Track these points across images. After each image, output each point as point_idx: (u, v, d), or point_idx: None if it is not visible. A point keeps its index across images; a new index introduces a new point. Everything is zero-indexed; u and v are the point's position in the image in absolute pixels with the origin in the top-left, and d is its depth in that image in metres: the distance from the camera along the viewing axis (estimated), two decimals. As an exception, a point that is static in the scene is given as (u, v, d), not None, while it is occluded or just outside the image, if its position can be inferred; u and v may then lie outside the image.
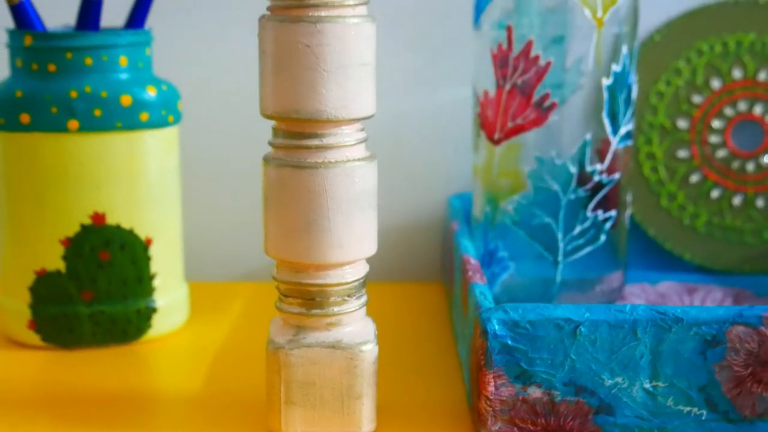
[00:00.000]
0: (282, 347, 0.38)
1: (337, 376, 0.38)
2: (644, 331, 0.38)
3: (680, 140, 0.58)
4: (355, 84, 0.37)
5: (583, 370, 0.38)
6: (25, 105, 0.47)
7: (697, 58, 0.58)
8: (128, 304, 0.49)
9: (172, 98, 0.49)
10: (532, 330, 0.38)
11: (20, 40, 0.47)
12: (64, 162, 0.47)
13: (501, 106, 0.49)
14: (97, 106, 0.47)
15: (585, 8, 0.47)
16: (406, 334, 0.51)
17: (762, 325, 0.38)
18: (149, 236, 0.49)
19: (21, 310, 0.49)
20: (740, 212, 0.58)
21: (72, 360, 0.48)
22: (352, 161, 0.37)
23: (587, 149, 0.49)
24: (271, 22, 0.37)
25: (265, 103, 0.38)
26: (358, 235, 0.38)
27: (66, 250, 0.48)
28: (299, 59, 0.36)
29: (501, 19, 0.48)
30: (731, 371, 0.38)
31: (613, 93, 0.49)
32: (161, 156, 0.49)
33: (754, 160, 0.58)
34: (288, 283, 0.38)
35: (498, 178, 0.50)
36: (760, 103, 0.57)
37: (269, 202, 0.38)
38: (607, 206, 0.50)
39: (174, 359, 0.48)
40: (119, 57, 0.48)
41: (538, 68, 0.48)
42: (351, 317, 0.38)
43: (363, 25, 0.37)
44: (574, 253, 0.49)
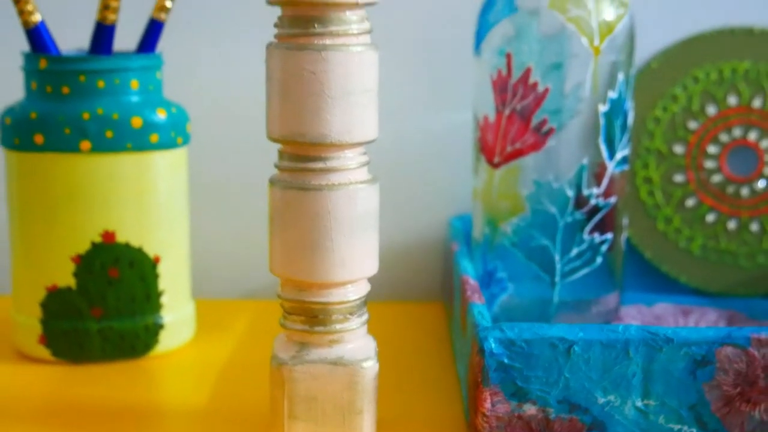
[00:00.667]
0: (285, 363, 0.39)
1: (338, 391, 0.39)
2: (636, 350, 0.39)
3: (676, 165, 0.59)
4: (358, 109, 0.38)
5: (577, 388, 0.39)
6: (39, 126, 0.48)
7: (693, 85, 0.59)
8: (137, 320, 0.50)
9: (181, 120, 0.51)
10: (527, 349, 0.39)
11: (35, 63, 0.49)
12: (75, 181, 0.48)
13: (500, 131, 0.50)
14: (108, 128, 0.48)
15: (582, 36, 0.49)
16: (407, 352, 0.52)
17: (750, 346, 0.39)
18: (158, 254, 0.50)
19: (32, 326, 0.50)
20: (735, 236, 0.59)
21: (81, 374, 0.49)
22: (354, 184, 0.39)
23: (584, 173, 0.50)
24: (278, 50, 0.38)
25: (271, 126, 0.39)
26: (360, 255, 0.39)
27: (77, 267, 0.49)
28: (305, 85, 0.38)
29: (501, 46, 0.50)
30: (720, 390, 0.39)
31: (610, 119, 0.50)
32: (170, 176, 0.50)
33: (749, 186, 0.59)
34: (292, 301, 0.39)
35: (497, 200, 0.51)
36: (754, 129, 0.59)
37: (275, 222, 0.39)
38: (603, 229, 0.51)
39: (180, 374, 0.50)
40: (131, 80, 0.49)
41: (536, 94, 0.49)
42: (353, 335, 0.40)
43: (366, 53, 0.38)
44: (571, 274, 0.51)
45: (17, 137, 0.49)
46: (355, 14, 0.38)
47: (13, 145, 0.49)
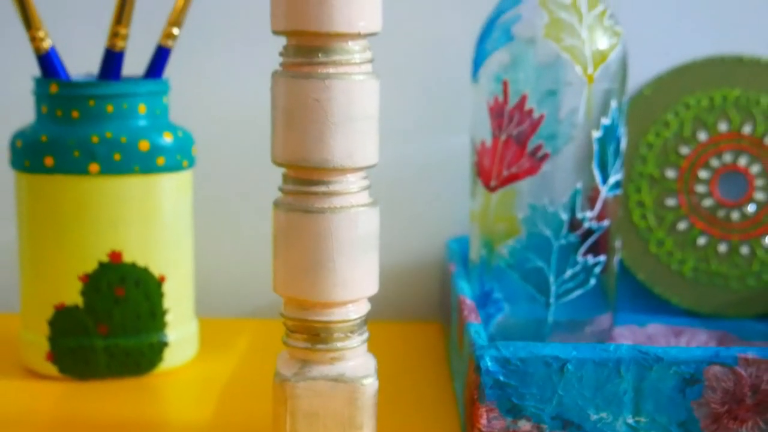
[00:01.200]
0: (288, 380, 0.40)
1: (339, 407, 0.40)
2: (627, 369, 0.40)
3: (668, 189, 0.60)
4: (359, 135, 0.40)
5: (570, 405, 0.40)
6: (50, 149, 0.49)
7: (685, 111, 0.60)
8: (142, 338, 0.51)
9: (186, 144, 0.52)
10: (522, 367, 0.40)
11: (46, 87, 0.50)
12: (84, 202, 0.50)
13: (497, 156, 0.52)
14: (116, 151, 0.50)
15: (576, 65, 0.50)
16: (405, 370, 0.53)
17: (737, 365, 0.40)
18: (163, 274, 0.51)
19: (40, 343, 0.51)
20: (725, 259, 0.60)
21: (88, 391, 0.50)
22: (356, 207, 0.40)
23: (578, 197, 0.51)
24: (283, 78, 0.39)
25: (276, 151, 0.40)
26: (361, 275, 0.40)
27: (84, 286, 0.50)
28: (309, 112, 0.39)
29: (498, 73, 0.51)
30: (709, 408, 0.41)
31: (603, 145, 0.51)
32: (175, 198, 0.52)
33: (739, 210, 0.60)
34: (295, 320, 0.41)
35: (494, 223, 0.52)
36: (744, 155, 0.60)
37: (278, 243, 0.41)
38: (597, 251, 0.52)
39: (184, 391, 0.51)
40: (138, 105, 0.50)
41: (532, 120, 0.51)
42: (353, 352, 0.41)
43: (368, 81, 0.39)
44: (565, 295, 0.52)
45: (28, 159, 0.50)
46: (357, 44, 0.39)
47: (23, 167, 0.50)
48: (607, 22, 0.51)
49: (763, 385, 0.40)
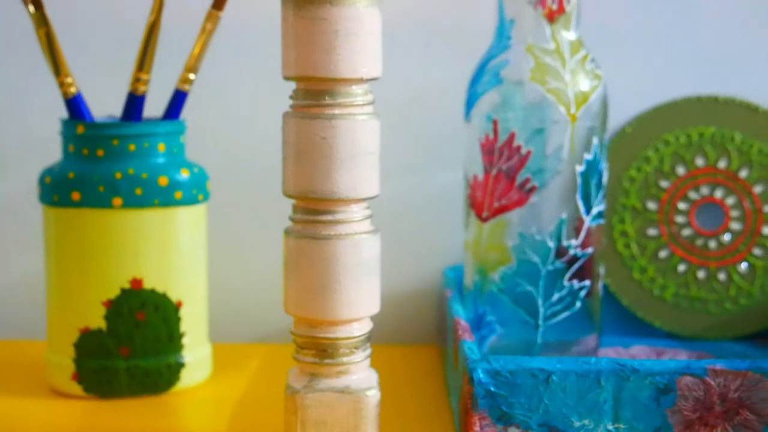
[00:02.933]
0: (298, 392, 0.44)
1: (345, 417, 0.44)
2: (607, 380, 0.44)
3: (650, 220, 0.64)
4: (362, 170, 0.43)
5: (555, 413, 0.44)
6: (76, 184, 0.53)
7: (664, 147, 0.64)
8: (160, 359, 0.55)
9: (202, 179, 0.56)
10: (511, 378, 0.44)
11: (73, 128, 0.54)
12: (108, 234, 0.53)
13: (488, 189, 0.55)
14: (138, 186, 0.54)
15: (560, 106, 0.53)
16: (405, 388, 0.57)
17: (707, 376, 0.44)
18: (180, 299, 0.55)
19: (66, 364, 0.55)
20: (704, 284, 0.63)
21: (110, 409, 0.53)
22: (359, 234, 0.44)
23: (563, 226, 0.54)
24: (294, 118, 0.43)
25: (287, 184, 0.44)
26: (364, 296, 0.44)
27: (107, 311, 0.54)
28: (316, 149, 0.43)
29: (488, 113, 0.54)
30: (681, 415, 0.44)
31: (586, 178, 0.55)
32: (192, 229, 0.55)
33: (716, 239, 0.63)
34: (304, 337, 0.44)
35: (486, 251, 0.56)
36: (720, 188, 0.63)
37: (289, 267, 0.44)
38: (582, 276, 0.55)
39: (199, 409, 0.54)
40: (158, 144, 0.55)
41: (520, 156, 0.55)
42: (357, 367, 0.45)
43: (369, 121, 0.43)
44: (553, 317, 0.55)
45: (56, 195, 0.54)
46: (360, 88, 0.43)
47: (52, 202, 0.54)
48: (588, 66, 0.55)
49: (731, 393, 0.44)
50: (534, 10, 0.54)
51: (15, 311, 0.67)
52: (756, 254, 0.63)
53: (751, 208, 0.63)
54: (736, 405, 0.44)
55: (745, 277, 0.63)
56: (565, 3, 0.54)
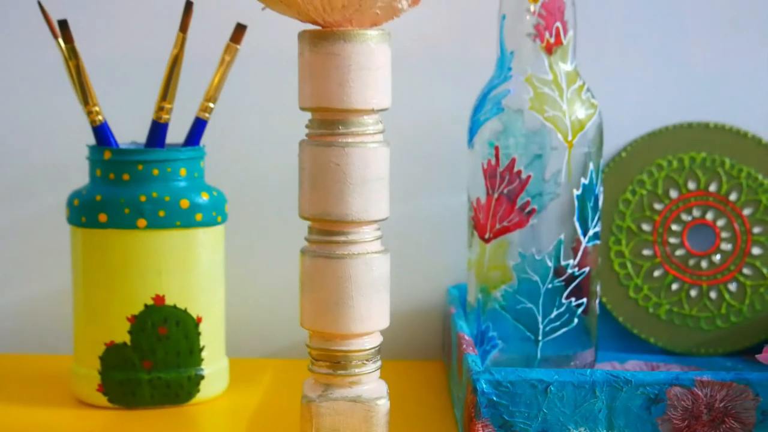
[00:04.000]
0: (313, 400, 0.47)
1: (357, 424, 0.47)
2: (601, 390, 0.47)
3: (644, 241, 0.67)
4: (373, 194, 0.46)
5: (553, 421, 0.47)
6: (103, 207, 0.56)
7: (658, 172, 0.67)
8: (181, 371, 0.58)
9: (220, 202, 0.59)
10: (512, 388, 0.47)
11: (100, 154, 0.57)
12: (132, 253, 0.57)
13: (490, 211, 0.58)
14: (161, 208, 0.57)
15: (558, 133, 0.56)
16: (411, 400, 0.59)
17: (694, 387, 0.47)
18: (200, 315, 0.58)
19: (91, 376, 0.58)
20: (696, 302, 0.66)
21: (133, 419, 0.56)
22: (370, 253, 0.47)
23: (562, 247, 0.57)
24: (309, 146, 0.47)
25: (303, 207, 0.47)
26: (375, 311, 0.47)
27: (131, 326, 0.57)
28: (330, 174, 0.46)
29: (490, 140, 0.57)
30: (671, 424, 0.47)
31: (583, 201, 0.57)
32: (211, 249, 0.59)
33: (707, 258, 0.66)
34: (319, 350, 0.48)
35: (489, 270, 0.58)
36: (711, 210, 0.66)
37: (305, 284, 0.48)
38: (579, 294, 0.58)
39: (218, 419, 0.57)
40: (180, 169, 0.58)
41: (520, 180, 0.57)
42: (369, 377, 0.48)
43: (380, 148, 0.47)
44: (552, 333, 0.57)
45: (84, 216, 0.57)
46: (371, 118, 0.46)
47: (80, 223, 0.57)
48: (584, 96, 0.57)
49: (717, 403, 0.47)
50: (533, 43, 0.57)
51: (41, 327, 0.70)
52: (745, 273, 0.66)
53: (741, 229, 0.66)
54: (721, 414, 0.47)
55: (735, 295, 0.66)
56: (562, 36, 0.57)
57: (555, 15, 0.57)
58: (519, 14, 0.57)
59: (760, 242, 0.66)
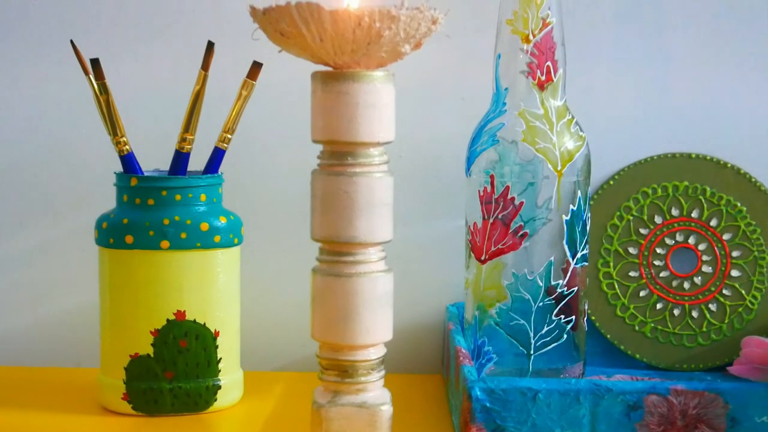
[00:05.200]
0: (323, 406, 0.52)
1: (363, 427, 0.51)
2: (585, 397, 0.52)
3: (631, 263, 0.70)
4: (378, 218, 0.50)
5: (541, 425, 0.52)
6: (130, 229, 0.61)
7: (643, 199, 0.70)
8: (200, 382, 0.62)
9: (237, 225, 0.64)
10: (504, 396, 0.52)
11: (127, 181, 0.62)
12: (156, 272, 0.61)
13: (486, 235, 0.61)
14: (183, 231, 0.61)
15: (549, 163, 0.60)
16: (412, 409, 0.64)
17: (669, 395, 0.52)
18: (217, 329, 0.62)
19: (117, 386, 0.62)
20: (679, 321, 0.69)
21: (155, 425, 0.61)
22: (375, 272, 0.51)
23: (552, 268, 0.61)
24: (320, 175, 0.51)
25: (314, 230, 0.51)
26: (380, 325, 0.51)
27: (155, 339, 0.61)
28: (340, 201, 0.50)
29: (486, 168, 0.61)
30: (648, 429, 0.52)
31: (572, 226, 0.61)
32: (228, 269, 0.63)
33: (689, 280, 0.70)
34: (328, 359, 0.52)
35: (484, 290, 0.62)
36: (693, 235, 0.70)
37: (316, 300, 0.52)
38: (568, 312, 0.61)
39: (234, 425, 0.61)
40: (200, 194, 0.62)
41: (514, 206, 0.61)
42: (373, 385, 0.52)
43: (384, 177, 0.51)
44: (542, 348, 0.61)
45: (111, 238, 0.62)
46: (376, 150, 0.50)
47: (107, 244, 0.62)
48: (573, 129, 0.61)
49: (690, 410, 0.52)
50: (526, 80, 0.61)
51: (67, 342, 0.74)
52: (725, 294, 0.70)
53: (721, 253, 0.70)
54: (694, 420, 0.52)
55: (716, 314, 0.70)
56: (552, 74, 0.61)
57: (546, 54, 0.61)
58: (513, 54, 0.61)
59: (739, 265, 0.70)
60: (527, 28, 0.61)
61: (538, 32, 0.61)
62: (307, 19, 0.48)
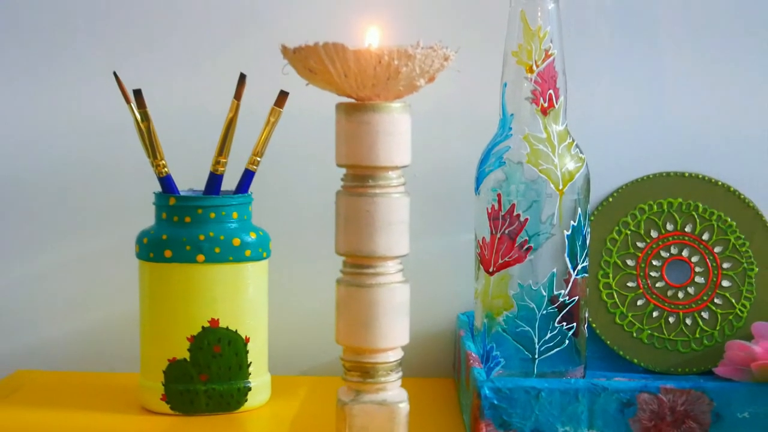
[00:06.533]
0: (347, 404, 0.57)
1: (382, 423, 0.56)
2: (583, 396, 0.56)
3: (629, 274, 0.73)
4: (396, 234, 0.55)
5: (544, 421, 0.56)
6: (168, 244, 0.66)
7: (640, 215, 0.74)
8: (232, 384, 0.67)
9: (265, 240, 0.69)
10: (510, 394, 0.57)
11: (166, 200, 0.67)
12: (192, 283, 0.66)
13: (494, 248, 0.65)
14: (216, 245, 0.66)
15: (551, 183, 0.64)
16: (426, 410, 0.68)
17: (660, 393, 0.57)
18: (248, 336, 0.67)
19: (156, 387, 0.67)
20: (674, 328, 0.73)
21: (191, 424, 0.65)
22: (394, 283, 0.56)
23: (555, 279, 0.64)
24: (344, 196, 0.56)
25: (338, 245, 0.56)
26: (398, 330, 0.56)
27: (191, 345, 0.66)
28: (361, 218, 0.55)
29: (494, 187, 0.65)
30: (641, 424, 0.57)
31: (572, 240, 0.64)
32: (257, 280, 0.68)
33: (683, 290, 0.73)
34: (351, 362, 0.57)
35: (493, 299, 0.65)
36: (687, 248, 0.74)
37: (340, 308, 0.57)
38: (570, 320, 0.65)
39: (263, 423, 0.66)
40: (232, 212, 0.67)
41: (519, 222, 0.64)
42: (392, 385, 0.56)
43: (402, 198, 0.55)
44: (546, 353, 0.64)
45: (151, 252, 0.67)
46: (395, 173, 0.55)
47: (148, 258, 0.67)
48: (573, 151, 0.65)
49: (678, 407, 0.57)
50: (530, 106, 0.65)
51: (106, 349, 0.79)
52: (717, 303, 0.74)
53: (712, 265, 0.74)
54: (682, 416, 0.57)
55: (708, 322, 0.74)
56: (554, 101, 0.65)
57: (549, 83, 0.65)
58: (518, 82, 0.65)
59: (729, 276, 0.74)
60: (531, 59, 0.65)
61: (541, 63, 0.65)
62: (333, 57, 0.53)
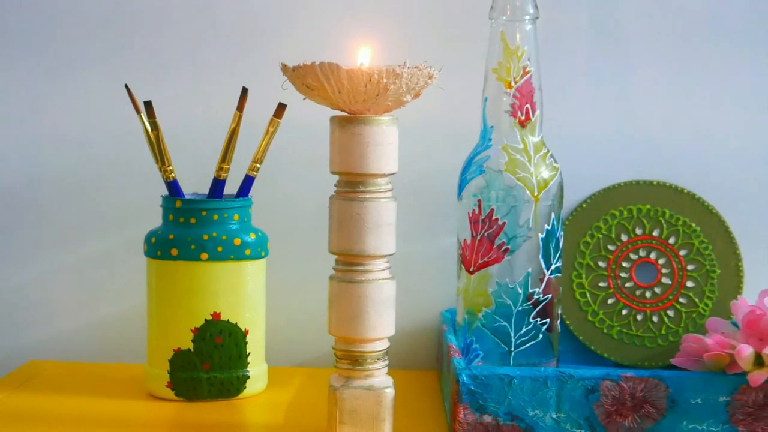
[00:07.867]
0: (338, 389, 0.62)
1: (370, 406, 0.61)
2: (551, 382, 0.62)
3: (600, 275, 0.78)
4: (384, 236, 0.60)
5: (516, 405, 0.62)
6: (175, 243, 0.71)
7: (612, 220, 0.78)
8: (232, 372, 0.72)
9: (264, 241, 0.74)
10: (485, 381, 0.62)
11: (173, 203, 0.72)
12: (196, 279, 0.71)
13: (475, 249, 0.70)
14: (219, 245, 0.71)
15: (527, 190, 0.69)
16: (411, 396, 0.73)
17: (621, 381, 0.62)
18: (247, 328, 0.72)
19: (162, 375, 0.72)
20: (642, 325, 0.77)
21: (194, 409, 0.71)
22: (381, 280, 0.61)
23: (530, 278, 0.69)
24: (337, 200, 0.61)
25: (331, 245, 0.62)
26: (384, 322, 0.61)
27: (194, 336, 0.71)
28: (352, 221, 0.60)
29: (475, 193, 0.69)
30: (604, 408, 0.62)
31: (547, 243, 0.69)
32: (256, 277, 0.73)
33: (651, 290, 0.78)
34: (342, 351, 0.62)
35: (473, 297, 0.69)
36: (654, 251, 0.78)
37: (332, 302, 0.62)
38: (544, 316, 0.69)
39: (261, 409, 0.71)
40: (233, 215, 0.72)
41: (498, 226, 0.69)
42: (379, 372, 0.62)
43: (389, 202, 0.61)
44: (521, 346, 0.69)
45: (159, 250, 0.72)
46: (383, 180, 0.61)
47: (155, 256, 0.72)
48: (548, 161, 0.70)
49: (637, 393, 0.62)
50: (509, 119, 0.70)
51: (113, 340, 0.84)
52: (681, 302, 0.78)
53: (678, 266, 0.78)
54: (641, 401, 0.62)
55: (674, 319, 0.79)
56: (531, 114, 0.70)
57: (526, 98, 0.70)
58: (498, 97, 0.70)
59: (693, 277, 0.78)
60: (510, 75, 0.70)
61: (519, 79, 0.70)
62: (328, 75, 0.59)
